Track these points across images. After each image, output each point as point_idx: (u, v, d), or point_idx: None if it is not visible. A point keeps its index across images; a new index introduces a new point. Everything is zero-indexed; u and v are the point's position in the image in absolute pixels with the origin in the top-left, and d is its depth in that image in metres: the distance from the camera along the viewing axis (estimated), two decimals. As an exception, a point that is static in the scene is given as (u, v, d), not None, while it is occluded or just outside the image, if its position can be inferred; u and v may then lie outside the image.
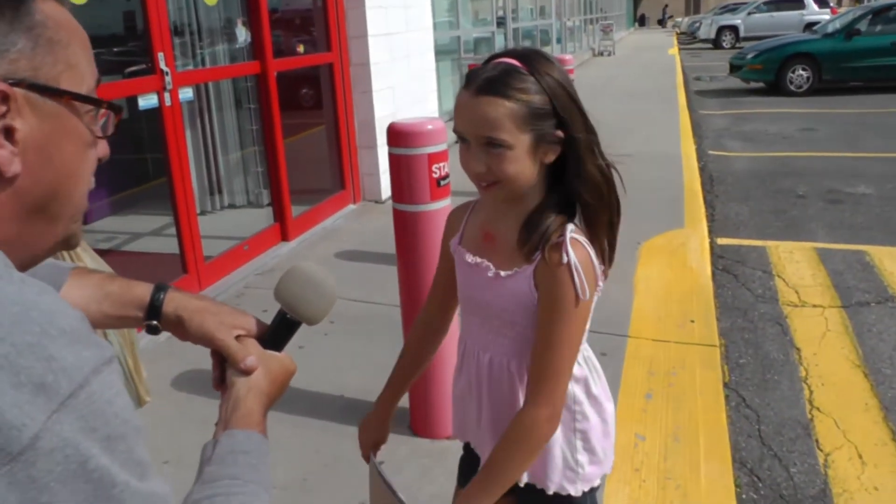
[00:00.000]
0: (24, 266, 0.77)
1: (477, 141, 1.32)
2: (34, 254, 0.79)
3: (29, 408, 0.57)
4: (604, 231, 1.41)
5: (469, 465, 1.69)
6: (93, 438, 0.60)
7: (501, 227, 1.44)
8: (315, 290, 1.07)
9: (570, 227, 1.36)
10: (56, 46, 0.74)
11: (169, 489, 0.70)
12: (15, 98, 0.69)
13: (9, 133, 0.70)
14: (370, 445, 1.76)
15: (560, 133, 1.32)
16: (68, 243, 0.82)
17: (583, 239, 1.37)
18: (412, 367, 1.75)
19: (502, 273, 1.41)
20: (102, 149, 0.82)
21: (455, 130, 1.36)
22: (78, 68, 0.77)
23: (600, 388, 1.55)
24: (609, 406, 1.58)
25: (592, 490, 1.56)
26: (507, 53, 1.34)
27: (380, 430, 1.76)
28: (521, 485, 1.50)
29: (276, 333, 1.07)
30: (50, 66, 0.73)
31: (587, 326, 1.43)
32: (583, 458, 1.51)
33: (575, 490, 1.52)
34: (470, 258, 1.48)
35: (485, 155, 1.32)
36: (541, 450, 1.42)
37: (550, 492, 1.51)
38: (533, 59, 1.32)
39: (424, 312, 1.73)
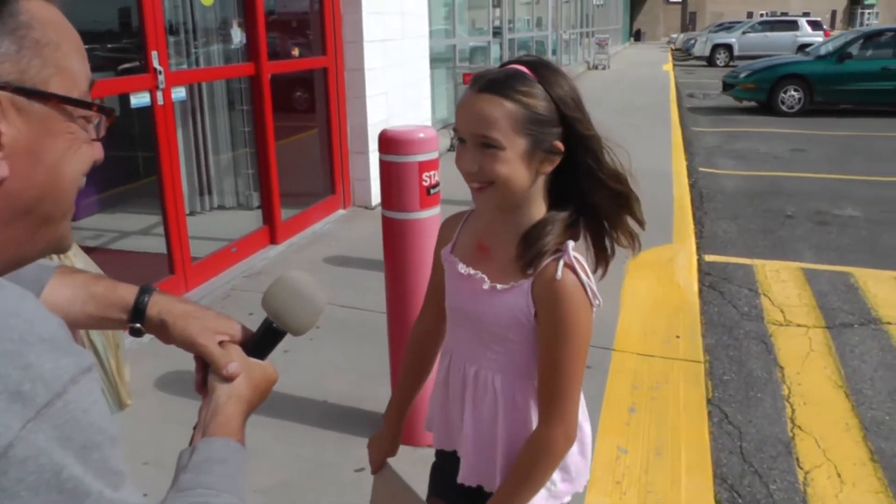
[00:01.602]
0: (10, 267, 0.77)
1: (473, 140, 1.31)
2: (23, 255, 0.78)
3: (4, 416, 0.57)
4: (626, 221, 1.41)
5: (443, 472, 1.68)
6: (67, 448, 0.60)
7: (497, 239, 1.42)
8: (302, 302, 1.06)
9: (571, 244, 1.35)
10: (45, 48, 0.73)
11: (142, 499, 0.69)
12: (0, 102, 0.69)
13: None
14: (381, 460, 1.74)
15: (559, 145, 1.31)
16: (59, 246, 0.81)
17: (581, 257, 1.36)
18: (415, 381, 1.73)
19: (498, 286, 1.39)
20: (97, 151, 0.82)
21: (454, 129, 1.36)
22: (69, 71, 0.76)
23: (580, 407, 1.55)
24: (586, 426, 1.57)
25: None
26: (518, 60, 1.34)
27: (391, 446, 1.75)
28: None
29: (261, 341, 1.06)
30: (38, 68, 0.72)
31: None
32: (556, 475, 1.50)
33: None
34: (463, 269, 1.45)
35: (479, 154, 1.31)
36: (557, 466, 1.42)
37: None
38: (542, 67, 1.31)
39: (421, 324, 1.70)
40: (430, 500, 1.75)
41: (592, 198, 1.37)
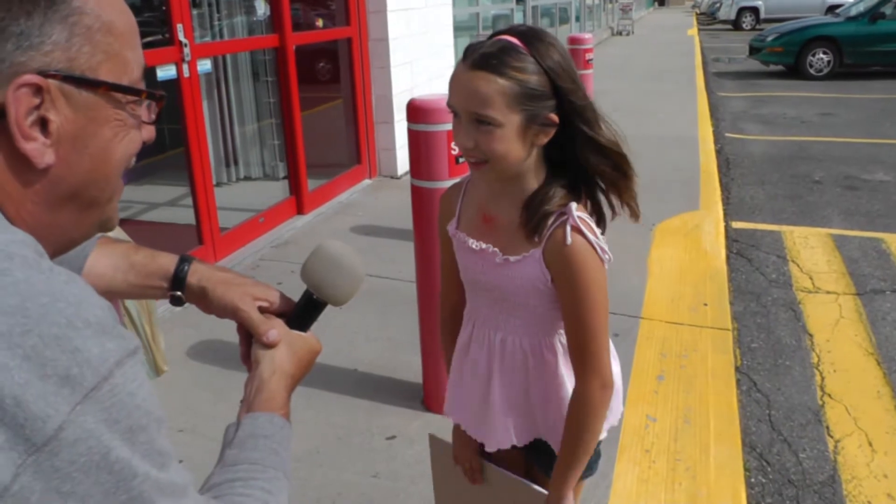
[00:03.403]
0: (61, 250, 0.78)
1: (467, 116, 1.31)
2: (71, 238, 0.79)
3: (54, 399, 0.58)
4: (628, 193, 1.41)
5: None
6: (115, 430, 0.61)
7: (501, 209, 1.43)
8: (342, 272, 1.06)
9: (574, 205, 1.36)
10: (96, 34, 0.72)
11: (189, 477, 0.71)
12: (49, 90, 0.69)
13: (43, 124, 0.70)
14: (475, 460, 1.70)
15: (554, 117, 1.31)
16: (105, 226, 0.82)
17: (586, 216, 1.37)
18: None
19: (511, 258, 1.41)
20: (147, 132, 0.82)
21: (448, 104, 1.34)
22: (120, 57, 0.75)
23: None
24: (616, 367, 1.61)
25: (599, 442, 1.60)
26: (509, 31, 1.32)
27: (473, 442, 1.71)
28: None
29: (302, 314, 1.07)
30: (87, 56, 0.72)
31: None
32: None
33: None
34: (474, 244, 1.47)
35: (474, 131, 1.30)
36: (605, 415, 1.46)
37: None
38: (533, 39, 1.30)
39: (448, 303, 1.70)
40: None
41: (593, 166, 1.37)
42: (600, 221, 1.43)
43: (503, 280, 1.44)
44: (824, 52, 13.82)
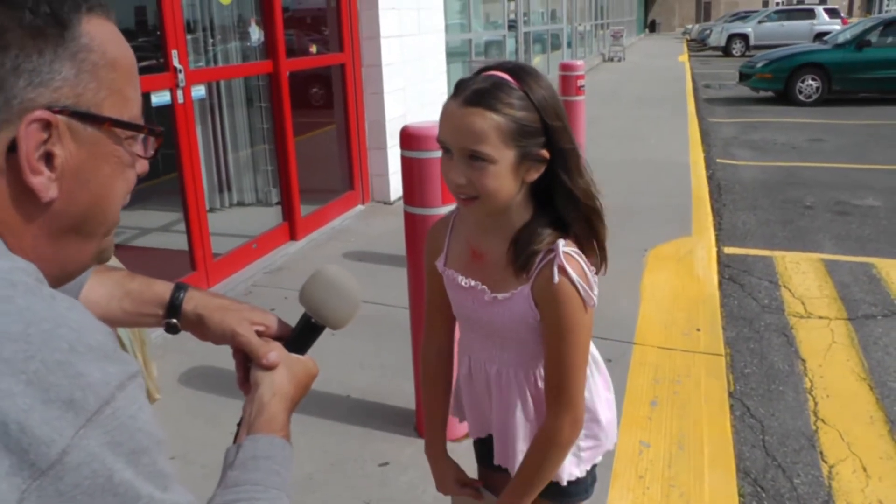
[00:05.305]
0: (57, 284, 0.79)
1: (460, 153, 1.30)
2: (68, 271, 0.81)
3: (58, 423, 0.59)
4: (592, 246, 1.41)
5: (483, 445, 1.71)
6: (118, 453, 0.62)
7: (490, 245, 1.43)
8: (340, 296, 1.07)
9: (562, 242, 1.35)
10: (101, 71, 0.74)
11: (192, 498, 0.71)
12: (56, 125, 0.71)
13: (48, 159, 0.71)
14: (463, 485, 1.72)
15: (545, 153, 1.31)
16: (100, 258, 0.84)
17: (575, 251, 1.37)
18: (445, 403, 1.72)
19: (499, 296, 1.41)
20: (141, 166, 0.84)
21: (438, 139, 1.34)
22: (122, 93, 0.77)
23: (599, 378, 1.59)
24: (608, 395, 1.63)
25: (594, 466, 1.62)
26: (498, 67, 1.32)
27: (460, 474, 1.73)
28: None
29: (300, 337, 1.08)
30: (93, 92, 0.74)
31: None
32: (585, 443, 1.57)
33: (580, 471, 1.57)
34: (463, 281, 1.47)
35: (467, 167, 1.29)
36: (567, 453, 1.47)
37: (564, 483, 1.56)
38: (523, 74, 1.30)
39: (433, 344, 1.69)
40: (479, 469, 1.80)
41: (565, 213, 1.37)
42: (591, 257, 1.42)
43: (493, 316, 1.44)
44: (813, 79, 13.98)
